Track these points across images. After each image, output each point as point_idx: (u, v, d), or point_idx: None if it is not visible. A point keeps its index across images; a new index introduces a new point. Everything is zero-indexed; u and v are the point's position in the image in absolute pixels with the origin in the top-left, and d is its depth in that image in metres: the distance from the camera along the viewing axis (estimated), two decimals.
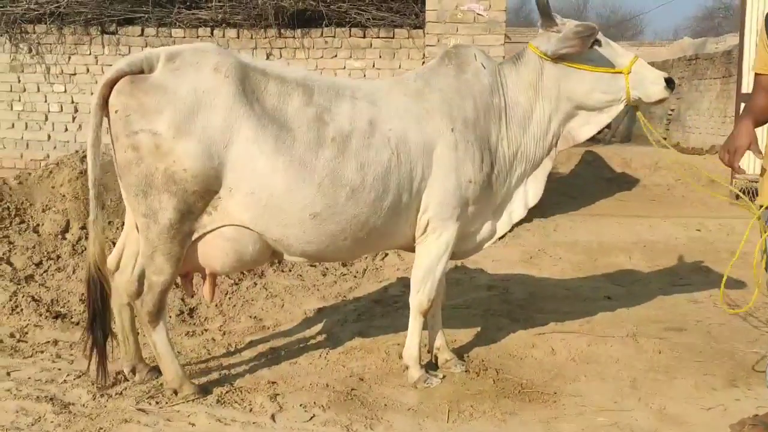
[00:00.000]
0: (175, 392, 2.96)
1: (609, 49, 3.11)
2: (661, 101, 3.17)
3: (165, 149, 2.69)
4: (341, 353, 3.54)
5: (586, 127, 3.23)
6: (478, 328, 3.81)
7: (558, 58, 3.07)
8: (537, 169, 3.29)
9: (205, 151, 2.72)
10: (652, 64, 15.45)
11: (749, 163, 8.01)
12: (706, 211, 7.62)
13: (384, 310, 4.16)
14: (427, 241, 3.09)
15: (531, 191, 3.31)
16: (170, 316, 4.07)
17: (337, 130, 2.85)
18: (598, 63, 3.07)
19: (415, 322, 3.19)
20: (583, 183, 9.39)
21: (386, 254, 5.80)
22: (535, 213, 7.34)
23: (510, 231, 6.79)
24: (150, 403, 2.91)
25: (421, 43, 6.62)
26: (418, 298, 3.16)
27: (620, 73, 3.06)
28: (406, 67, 6.76)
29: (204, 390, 3.02)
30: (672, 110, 13.36)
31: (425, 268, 3.13)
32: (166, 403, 2.91)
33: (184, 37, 6.92)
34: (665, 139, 13.43)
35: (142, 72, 2.76)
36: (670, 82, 3.07)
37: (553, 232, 6.67)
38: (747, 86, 7.89)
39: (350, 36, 6.85)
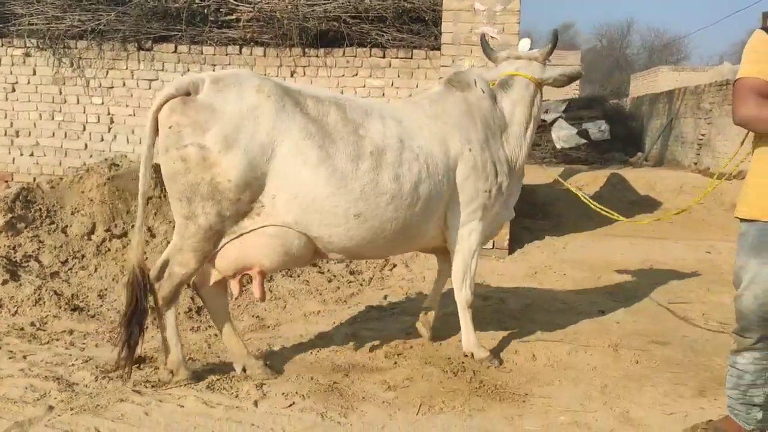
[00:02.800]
0: (172, 373, 3.23)
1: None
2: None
3: (211, 161, 2.95)
4: (331, 351, 3.75)
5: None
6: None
7: (542, 83, 3.74)
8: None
9: (249, 163, 2.98)
10: (686, 88, 15.29)
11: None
12: (722, 235, 7.60)
13: (380, 314, 4.36)
14: (459, 244, 3.55)
15: (514, 195, 3.87)
16: (179, 313, 4.34)
17: (373, 144, 3.20)
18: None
19: (464, 315, 3.67)
20: (605, 205, 9.40)
21: (394, 265, 6.02)
22: (549, 231, 7.48)
23: (521, 248, 6.96)
24: (146, 386, 3.17)
25: (437, 63, 6.86)
26: (463, 294, 3.65)
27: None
28: (423, 86, 7.00)
29: (197, 377, 3.27)
30: (703, 135, 13.27)
31: (463, 266, 3.60)
32: (161, 386, 3.17)
33: (215, 55, 7.32)
34: (696, 164, 13.32)
35: (188, 94, 3.02)
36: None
37: (562, 249, 6.79)
38: None
39: (370, 56, 7.15)
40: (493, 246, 6.61)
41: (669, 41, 42.94)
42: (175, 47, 7.35)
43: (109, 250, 5.26)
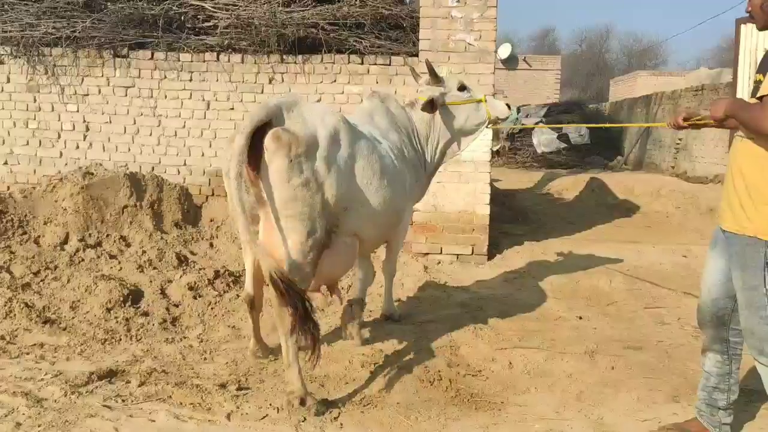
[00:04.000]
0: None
1: (473, 89, 4.34)
2: (506, 118, 4.58)
3: (320, 182, 3.25)
4: (307, 361, 3.70)
5: (462, 143, 4.44)
6: (442, 343, 3.96)
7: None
8: (435, 173, 4.53)
9: (340, 179, 3.33)
10: (663, 93, 15.45)
11: None
12: (699, 239, 7.67)
13: (358, 323, 4.32)
14: (402, 223, 4.15)
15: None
16: (153, 324, 4.31)
17: (386, 152, 3.77)
18: (470, 99, 4.28)
19: (388, 284, 4.56)
20: (584, 209, 9.51)
21: (374, 272, 6.00)
22: (528, 236, 7.51)
23: (500, 254, 6.96)
24: (116, 401, 3.12)
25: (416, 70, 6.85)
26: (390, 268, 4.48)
27: (480, 101, 4.30)
28: (402, 92, 6.99)
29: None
30: (680, 139, 13.42)
31: (400, 244, 4.43)
32: (131, 402, 3.12)
33: (192, 61, 7.27)
34: (673, 167, 13.46)
35: (270, 120, 3.19)
36: (508, 106, 4.49)
37: (542, 254, 6.80)
38: None
39: (349, 62, 7.13)
40: (473, 252, 6.62)
41: (647, 46, 43.48)
42: (152, 54, 7.28)
43: (82, 260, 5.19)
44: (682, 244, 7.14)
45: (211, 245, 5.98)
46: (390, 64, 7.06)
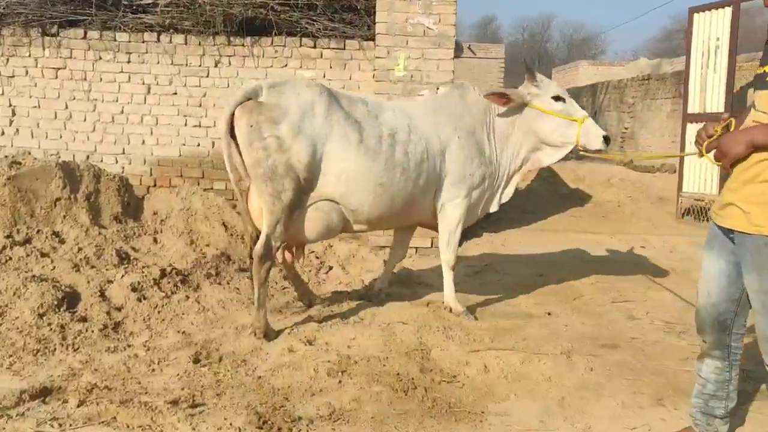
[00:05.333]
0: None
1: (570, 106, 4.24)
2: (598, 151, 4.28)
3: (286, 147, 3.69)
4: (268, 370, 3.41)
5: (547, 157, 4.38)
6: (412, 346, 3.71)
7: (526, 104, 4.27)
8: (511, 179, 4.47)
9: (311, 146, 3.73)
10: (609, 82, 15.65)
11: (694, 182, 8.16)
12: (652, 229, 7.72)
13: (319, 325, 4.03)
14: (446, 214, 4.26)
15: (505, 193, 4.50)
16: (92, 331, 3.90)
17: (389, 127, 3.97)
18: (561, 113, 4.19)
19: (447, 274, 4.42)
20: (538, 198, 9.45)
21: (330, 267, 5.71)
22: (486, 227, 7.35)
23: (460, 246, 6.81)
24: (52, 426, 2.73)
25: (371, 55, 6.57)
26: (446, 256, 4.37)
27: (575, 122, 4.18)
28: (357, 78, 6.71)
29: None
30: (626, 129, 13.60)
31: (447, 232, 4.31)
32: (69, 426, 2.74)
33: (130, 42, 6.75)
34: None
35: (250, 99, 3.72)
36: (607, 139, 4.19)
37: (502, 246, 6.67)
38: (692, 106, 8.06)
39: (300, 46, 6.77)
40: (432, 245, 6.41)
41: (587, 36, 44.36)
42: (85, 33, 6.73)
43: (10, 259, 4.68)
44: (638, 234, 7.15)
45: (155, 240, 5.55)
46: (344, 48, 6.75)
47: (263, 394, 3.14)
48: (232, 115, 3.69)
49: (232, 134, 3.72)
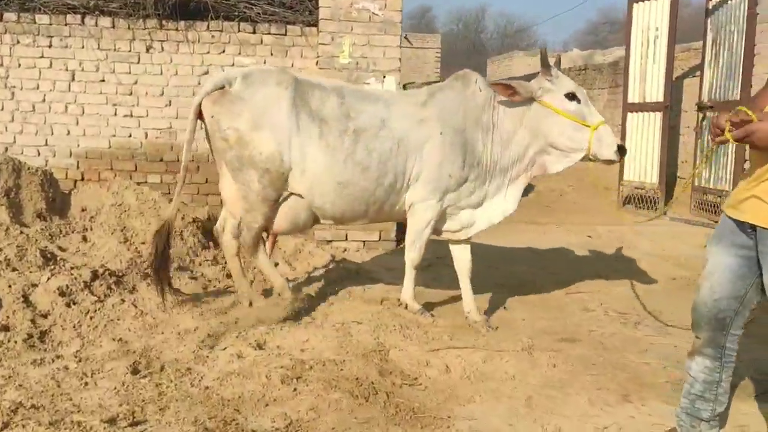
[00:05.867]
0: (279, 295, 4.04)
1: (585, 108, 3.79)
2: (610, 162, 3.87)
3: (246, 140, 3.72)
4: (216, 379, 3.14)
5: (554, 163, 3.93)
6: (369, 347, 3.53)
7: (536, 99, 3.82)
8: (514, 184, 4.03)
9: (273, 140, 3.71)
10: None
11: (635, 171, 8.30)
12: (596, 218, 7.80)
13: (267, 328, 3.78)
14: (415, 213, 3.96)
15: (509, 202, 4.06)
16: (16, 342, 3.52)
17: (356, 124, 3.78)
18: (573, 114, 3.75)
19: (408, 273, 4.14)
20: None
21: (276, 263, 5.44)
22: None
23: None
24: None
25: (314, 41, 6.31)
26: (411, 255, 4.10)
27: (587, 127, 3.74)
28: (299, 65, 6.44)
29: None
30: None
31: (414, 232, 4.02)
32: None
33: (51, 24, 6.24)
34: None
35: (223, 87, 3.77)
36: (621, 150, 3.79)
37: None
38: (632, 96, 8.18)
39: (239, 31, 6.44)
40: (380, 238, 6.24)
41: (520, 28, 45.13)
42: (1, 15, 6.17)
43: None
44: (584, 224, 7.19)
45: (85, 239, 5.14)
46: (285, 34, 6.46)
47: (211, 406, 2.89)
48: (200, 104, 3.78)
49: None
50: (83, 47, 6.32)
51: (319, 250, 5.65)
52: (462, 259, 4.21)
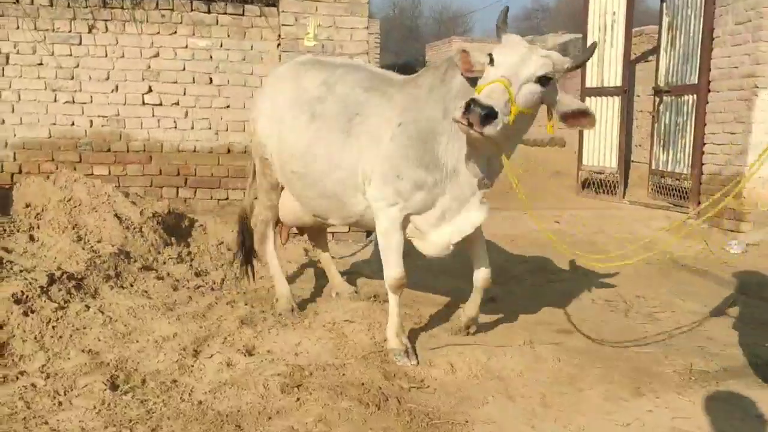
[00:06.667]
0: (277, 300, 3.99)
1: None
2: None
3: (252, 129, 3.89)
4: (208, 392, 2.88)
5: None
6: (367, 348, 3.33)
7: None
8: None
9: (270, 130, 3.71)
10: None
11: (593, 156, 8.37)
12: (558, 202, 7.83)
13: (254, 331, 3.52)
14: (376, 218, 3.34)
15: (481, 211, 3.45)
16: None
17: (320, 111, 3.45)
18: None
19: (391, 300, 3.38)
20: None
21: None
22: None
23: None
24: None
25: (275, 22, 5.98)
26: (385, 273, 3.39)
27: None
28: (259, 48, 6.10)
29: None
30: None
31: (380, 241, 3.37)
32: None
33: None
34: None
35: None
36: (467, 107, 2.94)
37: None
38: (590, 80, 8.21)
39: (192, 10, 6.02)
40: (350, 229, 6.02)
41: (456, 14, 45.31)
42: None
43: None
44: (548, 210, 7.18)
45: (32, 238, 4.68)
46: (243, 14, 6.09)
47: (209, 423, 2.63)
48: None
49: None
50: (18, 27, 5.77)
51: (291, 245, 5.37)
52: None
